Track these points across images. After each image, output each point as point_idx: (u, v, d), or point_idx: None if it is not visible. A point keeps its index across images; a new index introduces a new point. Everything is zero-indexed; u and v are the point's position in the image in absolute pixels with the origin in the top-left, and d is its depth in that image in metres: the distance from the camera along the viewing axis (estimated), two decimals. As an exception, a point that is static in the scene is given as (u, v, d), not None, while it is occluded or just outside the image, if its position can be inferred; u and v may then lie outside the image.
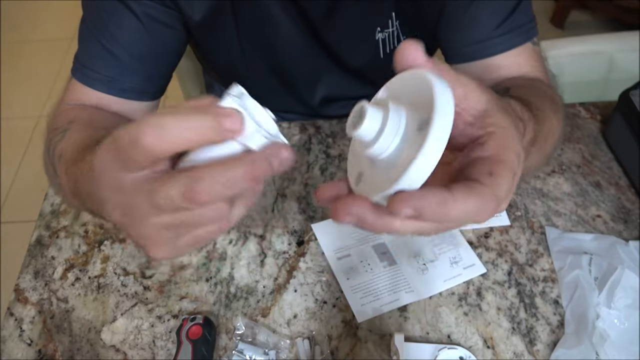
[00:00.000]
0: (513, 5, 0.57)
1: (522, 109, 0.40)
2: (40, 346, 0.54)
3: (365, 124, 0.26)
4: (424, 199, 0.24)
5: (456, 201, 0.25)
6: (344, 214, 0.27)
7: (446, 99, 0.25)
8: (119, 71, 0.57)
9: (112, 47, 0.56)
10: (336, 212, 0.27)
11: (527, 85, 0.55)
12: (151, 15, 0.57)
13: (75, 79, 0.58)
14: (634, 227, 0.62)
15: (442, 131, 0.24)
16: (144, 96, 0.60)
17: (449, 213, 0.25)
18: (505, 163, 0.28)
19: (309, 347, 0.53)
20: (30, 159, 1.84)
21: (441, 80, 0.26)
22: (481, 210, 0.26)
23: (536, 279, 0.58)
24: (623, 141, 0.68)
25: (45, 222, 0.65)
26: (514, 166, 0.28)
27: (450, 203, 0.25)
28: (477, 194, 0.26)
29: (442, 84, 0.25)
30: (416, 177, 0.25)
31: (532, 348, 0.53)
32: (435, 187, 0.25)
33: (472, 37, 0.58)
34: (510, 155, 0.28)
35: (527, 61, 0.58)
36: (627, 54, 0.91)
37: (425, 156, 0.24)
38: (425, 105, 0.25)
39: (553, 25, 2.21)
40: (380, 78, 0.35)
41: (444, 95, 0.25)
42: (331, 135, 0.73)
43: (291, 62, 0.70)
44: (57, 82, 2.11)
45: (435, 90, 0.25)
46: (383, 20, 0.64)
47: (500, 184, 0.26)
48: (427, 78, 0.26)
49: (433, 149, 0.24)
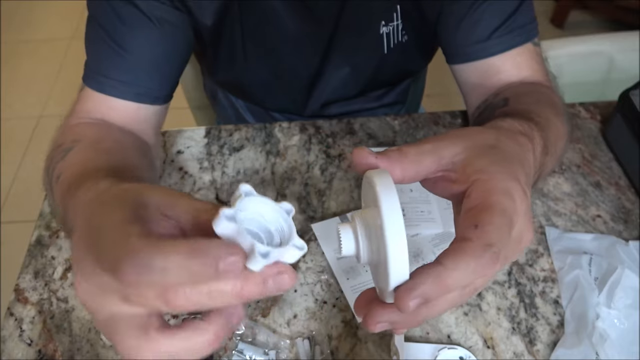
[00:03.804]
0: (515, 6, 0.56)
1: (522, 123, 0.39)
2: (40, 346, 0.54)
3: (343, 246, 0.29)
4: (419, 285, 0.25)
5: (448, 270, 0.25)
6: (374, 324, 0.27)
7: (388, 197, 0.26)
8: (134, 75, 0.56)
9: (125, 51, 0.55)
10: (367, 325, 0.27)
11: (526, 92, 0.55)
12: (162, 17, 0.56)
13: (88, 86, 0.57)
14: (634, 227, 0.62)
15: (394, 227, 0.26)
16: (157, 100, 0.59)
17: (448, 283, 0.25)
18: (491, 208, 0.27)
19: (309, 347, 0.53)
20: (30, 159, 1.84)
21: (382, 179, 0.27)
22: (480, 264, 0.25)
23: (536, 279, 0.58)
24: (623, 141, 0.68)
25: (45, 222, 0.65)
26: (505, 206, 0.27)
27: (444, 275, 0.25)
28: (465, 252, 0.26)
29: (383, 183, 0.27)
30: (399, 272, 0.26)
31: (532, 348, 0.53)
32: (427, 266, 0.26)
33: (472, 37, 0.58)
34: (496, 197, 0.28)
35: (527, 62, 0.58)
36: (627, 54, 0.91)
37: (394, 255, 0.26)
38: (376, 204, 0.27)
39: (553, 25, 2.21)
40: (383, 73, 0.35)
41: (385, 194, 0.27)
42: (331, 135, 0.73)
43: (293, 62, 0.70)
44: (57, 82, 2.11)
45: (378, 192, 0.27)
46: (388, 14, 0.64)
47: (488, 232, 0.26)
48: (372, 181, 0.28)
49: (395, 245, 0.26)
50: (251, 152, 0.71)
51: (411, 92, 0.87)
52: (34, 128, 1.94)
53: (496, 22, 0.57)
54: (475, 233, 0.26)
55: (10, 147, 1.87)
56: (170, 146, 0.73)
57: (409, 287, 0.25)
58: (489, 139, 0.32)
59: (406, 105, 0.88)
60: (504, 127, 0.38)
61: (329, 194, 0.66)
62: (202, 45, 0.68)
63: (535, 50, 0.59)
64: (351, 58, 0.69)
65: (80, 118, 0.57)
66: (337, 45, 0.67)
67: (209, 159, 0.71)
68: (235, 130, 0.74)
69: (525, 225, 0.29)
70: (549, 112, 0.48)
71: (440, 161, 0.30)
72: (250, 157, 0.71)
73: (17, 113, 2.00)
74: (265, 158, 0.71)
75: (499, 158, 0.30)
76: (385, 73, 0.73)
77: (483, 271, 0.26)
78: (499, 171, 0.29)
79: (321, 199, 0.66)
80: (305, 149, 0.72)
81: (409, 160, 0.30)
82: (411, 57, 0.72)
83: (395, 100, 0.84)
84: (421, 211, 0.62)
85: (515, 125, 0.38)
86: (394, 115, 0.76)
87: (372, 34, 0.66)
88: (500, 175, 0.29)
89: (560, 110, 0.51)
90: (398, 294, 0.25)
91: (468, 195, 0.29)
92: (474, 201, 0.28)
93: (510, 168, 0.30)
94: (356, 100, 0.79)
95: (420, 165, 0.30)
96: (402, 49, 0.68)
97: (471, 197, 0.28)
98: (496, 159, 0.30)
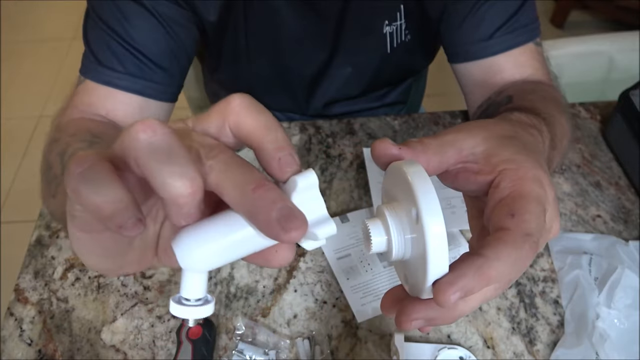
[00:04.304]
0: (517, 5, 0.57)
1: (529, 117, 0.39)
2: (40, 346, 0.54)
3: (373, 242, 0.28)
4: (461, 277, 0.24)
5: (490, 260, 0.24)
6: (409, 321, 0.26)
7: (424, 187, 0.25)
8: (140, 69, 0.56)
9: (131, 46, 0.55)
10: (401, 323, 0.26)
11: (530, 90, 0.55)
12: (167, 14, 0.56)
13: (90, 79, 0.56)
14: (634, 227, 0.62)
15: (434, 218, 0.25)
16: (163, 95, 0.59)
17: (491, 275, 0.24)
18: (526, 196, 0.26)
19: (309, 347, 0.53)
20: (30, 159, 1.84)
21: (415, 169, 0.26)
22: (520, 255, 0.25)
23: (536, 279, 0.58)
24: (623, 141, 0.68)
25: (45, 222, 0.65)
26: (538, 193, 0.27)
27: (486, 266, 0.24)
28: (506, 242, 0.25)
29: (417, 173, 0.26)
30: (438, 265, 0.25)
31: (532, 348, 0.53)
32: (468, 258, 0.25)
33: (475, 36, 0.58)
34: (529, 185, 0.27)
35: (529, 61, 0.58)
36: (627, 54, 0.91)
37: (434, 248, 0.25)
38: (411, 196, 0.26)
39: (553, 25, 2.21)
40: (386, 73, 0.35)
41: (421, 185, 0.26)
42: (331, 135, 0.73)
43: (296, 61, 0.70)
44: (57, 82, 2.11)
45: (413, 183, 0.26)
46: (392, 13, 0.64)
47: (526, 220, 0.25)
48: (403, 172, 0.27)
49: (435, 236, 0.25)
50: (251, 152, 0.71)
51: (412, 92, 0.87)
52: (34, 128, 1.94)
53: (499, 21, 0.57)
54: (513, 222, 0.25)
55: (10, 147, 1.87)
56: (170, 146, 0.73)
57: (449, 281, 0.24)
58: (507, 129, 0.32)
59: (407, 105, 0.88)
60: (513, 119, 0.38)
61: (329, 194, 0.66)
62: (206, 42, 0.68)
63: (537, 50, 0.59)
64: (354, 57, 0.69)
65: (82, 112, 0.56)
66: (341, 45, 0.67)
67: (209, 159, 0.71)
68: (235, 130, 0.74)
69: (555, 213, 0.28)
70: (554, 109, 0.48)
71: (461, 152, 0.30)
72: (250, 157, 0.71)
73: (17, 113, 2.00)
74: (265, 158, 0.71)
75: (521, 148, 0.30)
76: (387, 72, 0.73)
77: (524, 261, 0.25)
78: (526, 160, 0.28)
79: (321, 199, 0.66)
80: (305, 149, 0.72)
81: (433, 152, 0.29)
82: (414, 57, 0.72)
83: (397, 100, 0.84)
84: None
85: (523, 119, 0.38)
86: (394, 115, 0.76)
87: (376, 33, 0.66)
88: (528, 163, 0.28)
89: (563, 108, 0.51)
90: (438, 288, 0.24)
91: (496, 186, 0.28)
92: (506, 190, 0.27)
93: (535, 157, 0.29)
94: (358, 100, 0.79)
95: (444, 156, 0.29)
96: (405, 48, 0.68)
97: (500, 187, 0.28)
98: (519, 149, 0.30)
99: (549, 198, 0.27)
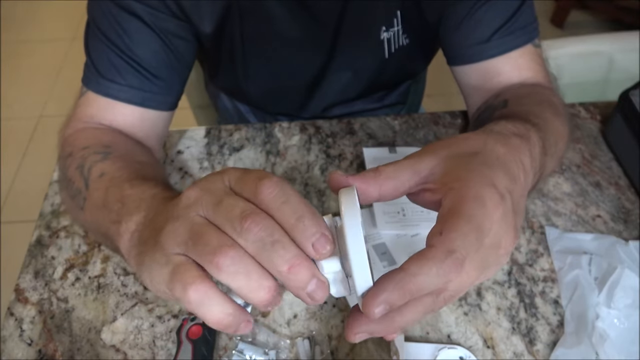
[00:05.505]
0: (515, 7, 0.56)
1: (517, 124, 0.39)
2: (40, 346, 0.54)
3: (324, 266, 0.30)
4: (381, 291, 0.26)
5: (409, 275, 0.26)
6: (353, 335, 0.28)
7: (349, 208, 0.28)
8: (140, 81, 0.57)
9: (131, 59, 0.55)
10: (347, 336, 0.28)
11: (526, 93, 0.55)
12: (165, 27, 0.57)
13: (92, 90, 0.57)
14: (634, 227, 0.62)
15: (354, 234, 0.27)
16: (163, 105, 0.60)
17: (410, 288, 0.26)
18: (457, 214, 0.28)
19: (309, 347, 0.53)
20: (30, 159, 1.84)
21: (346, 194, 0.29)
22: (442, 269, 0.26)
23: (536, 279, 0.58)
24: (623, 141, 0.68)
25: (45, 222, 0.65)
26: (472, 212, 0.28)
27: (405, 281, 0.26)
28: (427, 258, 0.26)
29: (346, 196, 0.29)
30: (363, 280, 0.27)
31: (532, 348, 0.53)
32: (390, 273, 0.26)
33: (473, 38, 0.58)
34: (465, 204, 0.28)
35: (528, 63, 0.58)
36: (627, 54, 0.91)
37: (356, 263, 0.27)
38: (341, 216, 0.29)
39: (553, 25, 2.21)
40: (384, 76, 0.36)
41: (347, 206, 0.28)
42: (331, 135, 0.73)
43: (294, 68, 0.70)
44: (57, 82, 2.12)
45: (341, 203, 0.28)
46: (389, 19, 0.64)
47: (452, 239, 0.27)
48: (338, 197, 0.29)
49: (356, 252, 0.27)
50: (251, 152, 0.72)
51: (412, 93, 0.87)
52: (34, 128, 1.95)
53: (497, 23, 0.57)
54: (438, 240, 0.27)
55: (10, 147, 1.87)
56: (171, 146, 0.73)
57: (370, 294, 0.26)
58: (474, 145, 0.32)
59: (407, 106, 0.88)
60: (495, 130, 0.38)
61: (329, 194, 0.66)
62: (204, 52, 0.68)
63: (536, 52, 0.59)
64: (352, 63, 0.69)
65: (85, 123, 0.57)
66: (338, 51, 0.67)
67: (209, 159, 0.71)
68: (235, 130, 0.74)
69: (504, 230, 0.29)
70: (549, 113, 0.48)
71: (420, 174, 0.31)
72: (250, 157, 0.71)
73: (17, 113, 2.00)
74: (265, 158, 0.71)
75: (478, 164, 0.30)
76: (386, 76, 0.73)
77: (446, 276, 0.26)
78: (472, 178, 0.29)
79: (321, 198, 0.66)
80: (305, 149, 0.72)
81: (384, 177, 0.31)
82: (412, 60, 0.72)
83: (396, 101, 0.84)
84: (421, 211, 0.62)
85: (508, 128, 0.38)
86: (394, 115, 0.76)
87: (373, 39, 0.66)
88: (473, 182, 0.29)
89: (560, 111, 0.51)
90: (363, 302, 0.26)
91: (441, 204, 0.29)
92: (445, 209, 0.29)
93: (487, 174, 0.30)
94: (357, 102, 0.79)
95: (398, 180, 0.31)
96: (404, 52, 0.68)
97: (443, 205, 0.29)
98: (473, 166, 0.30)
99: (490, 216, 0.28)
